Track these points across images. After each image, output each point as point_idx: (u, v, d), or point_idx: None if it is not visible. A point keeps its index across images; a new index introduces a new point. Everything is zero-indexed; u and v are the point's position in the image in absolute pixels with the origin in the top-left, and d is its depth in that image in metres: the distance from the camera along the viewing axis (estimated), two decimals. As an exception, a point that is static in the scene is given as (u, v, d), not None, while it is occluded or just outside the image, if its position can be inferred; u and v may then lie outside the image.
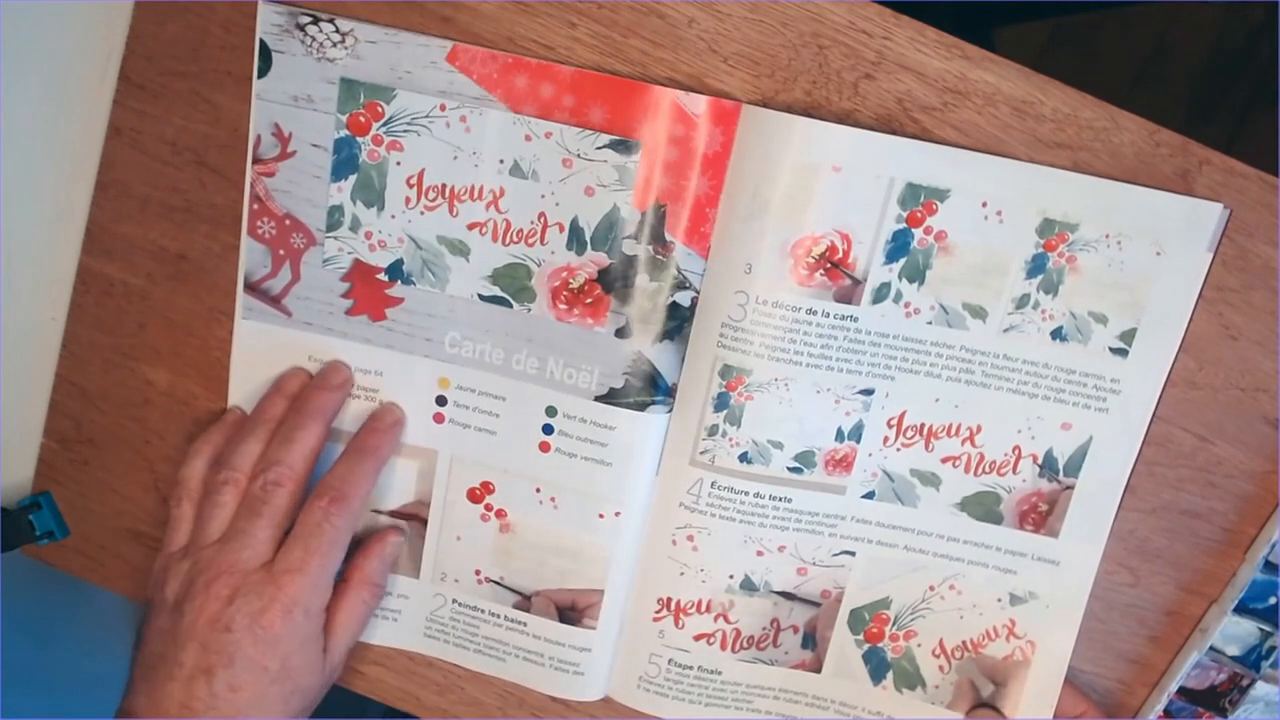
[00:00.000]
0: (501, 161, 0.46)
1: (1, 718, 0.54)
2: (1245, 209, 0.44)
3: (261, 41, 0.46)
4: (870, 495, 0.48)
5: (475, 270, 0.48)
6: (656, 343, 0.47)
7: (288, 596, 0.45)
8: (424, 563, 0.52)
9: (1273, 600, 0.47)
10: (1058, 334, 0.46)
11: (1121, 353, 0.46)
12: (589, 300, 0.47)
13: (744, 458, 0.47)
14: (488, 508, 0.51)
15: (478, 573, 0.52)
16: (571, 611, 0.51)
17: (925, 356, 0.46)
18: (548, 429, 0.49)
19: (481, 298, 0.48)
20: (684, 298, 0.46)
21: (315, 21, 0.45)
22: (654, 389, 0.48)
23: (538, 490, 0.50)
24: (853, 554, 0.49)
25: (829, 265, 0.45)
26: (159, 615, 0.46)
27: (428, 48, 0.45)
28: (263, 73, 0.46)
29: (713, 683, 0.51)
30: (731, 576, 0.49)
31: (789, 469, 0.48)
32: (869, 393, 0.47)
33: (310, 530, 0.46)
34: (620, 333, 0.47)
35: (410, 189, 0.47)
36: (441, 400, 0.50)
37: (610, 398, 0.48)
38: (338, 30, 0.45)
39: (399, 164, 0.47)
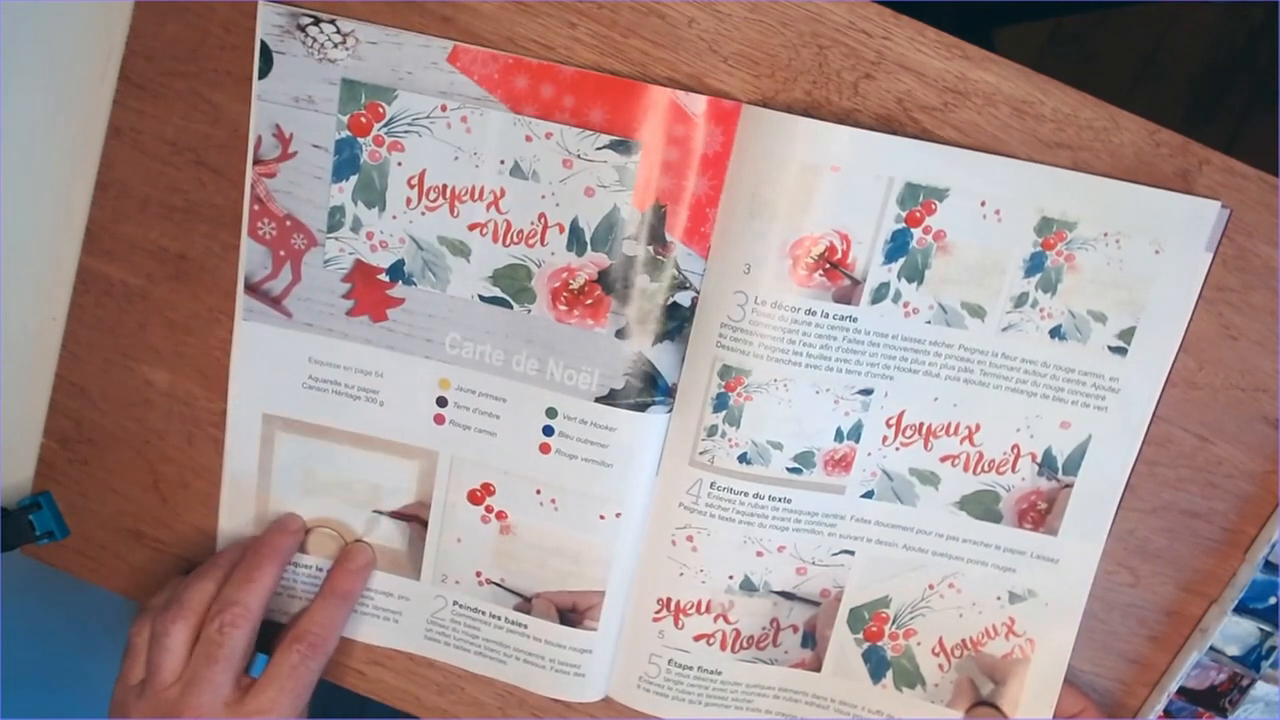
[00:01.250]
0: (502, 162, 0.46)
1: (2, 718, 0.54)
2: (1245, 209, 0.44)
3: (262, 42, 0.46)
4: (869, 495, 0.49)
5: (476, 271, 0.48)
6: (656, 343, 0.47)
7: None
8: (424, 565, 0.52)
9: (1273, 600, 0.47)
10: (1056, 333, 0.46)
11: (1120, 351, 0.46)
12: (589, 301, 0.47)
13: (743, 458, 0.47)
14: (488, 509, 0.51)
15: (478, 574, 0.52)
16: (572, 613, 0.51)
17: (924, 356, 0.46)
18: (548, 430, 0.49)
19: (482, 299, 0.48)
20: (684, 298, 0.47)
21: (316, 22, 0.46)
22: (654, 390, 0.48)
23: (538, 491, 0.50)
24: (852, 553, 0.50)
25: (828, 265, 0.45)
26: None
27: (429, 48, 0.45)
28: (263, 73, 0.47)
29: (713, 683, 0.51)
30: (731, 577, 0.49)
31: (788, 469, 0.48)
32: (868, 392, 0.47)
33: (286, 673, 0.47)
34: (620, 333, 0.47)
35: (411, 189, 0.47)
36: (442, 401, 0.50)
37: (610, 399, 0.48)
38: (339, 31, 0.45)
39: (400, 164, 0.47)
